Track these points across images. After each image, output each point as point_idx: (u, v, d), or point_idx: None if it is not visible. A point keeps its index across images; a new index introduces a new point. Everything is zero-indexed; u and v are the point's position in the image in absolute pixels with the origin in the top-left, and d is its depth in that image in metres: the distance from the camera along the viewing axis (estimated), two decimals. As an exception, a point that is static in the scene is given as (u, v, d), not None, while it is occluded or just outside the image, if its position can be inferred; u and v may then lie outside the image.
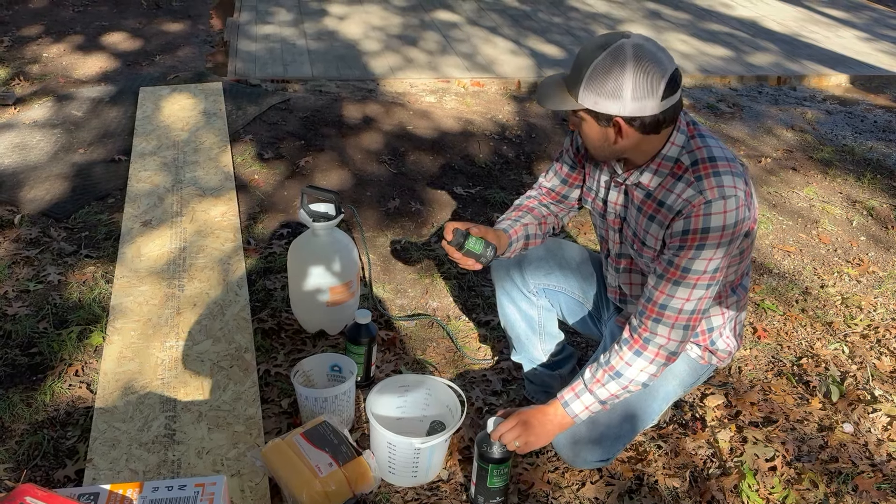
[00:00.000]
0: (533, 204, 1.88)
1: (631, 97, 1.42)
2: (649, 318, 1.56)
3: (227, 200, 2.95)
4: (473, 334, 2.40)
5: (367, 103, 4.04)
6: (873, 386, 2.25)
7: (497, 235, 1.73)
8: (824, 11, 6.77)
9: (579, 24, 5.67)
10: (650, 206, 1.58)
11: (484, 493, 1.71)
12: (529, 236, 1.81)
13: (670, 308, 1.54)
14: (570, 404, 1.62)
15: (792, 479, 1.91)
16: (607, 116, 1.46)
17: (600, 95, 1.43)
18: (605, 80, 1.42)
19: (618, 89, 1.42)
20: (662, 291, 1.54)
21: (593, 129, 1.51)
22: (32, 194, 2.99)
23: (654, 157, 1.55)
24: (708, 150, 1.53)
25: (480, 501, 1.72)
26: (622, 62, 1.41)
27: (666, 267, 1.54)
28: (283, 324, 2.35)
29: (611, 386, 1.60)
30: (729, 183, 1.48)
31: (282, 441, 1.72)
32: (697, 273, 1.51)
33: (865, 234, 3.18)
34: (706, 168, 1.51)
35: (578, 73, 1.45)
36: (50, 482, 1.77)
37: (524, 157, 3.62)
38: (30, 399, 2.01)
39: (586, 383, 1.62)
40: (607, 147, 1.53)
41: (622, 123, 1.46)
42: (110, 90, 4.01)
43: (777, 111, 4.46)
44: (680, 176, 1.53)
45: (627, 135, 1.48)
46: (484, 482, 1.69)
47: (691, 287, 1.52)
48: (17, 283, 2.45)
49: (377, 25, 5.34)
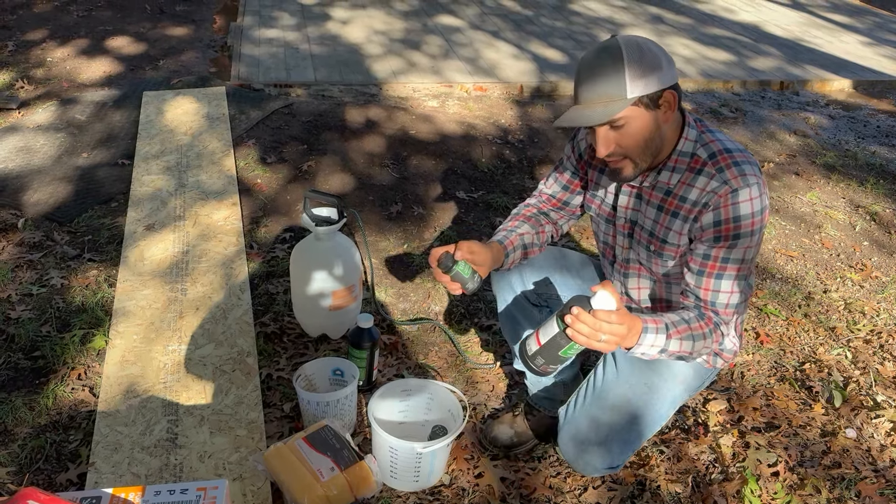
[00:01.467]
0: (531, 212, 1.87)
1: (667, 64, 1.46)
2: (711, 312, 1.56)
3: (229, 204, 2.95)
4: (475, 339, 2.40)
5: (369, 107, 4.05)
6: (876, 391, 2.25)
7: (490, 249, 1.70)
8: (827, 16, 6.77)
9: (581, 29, 5.68)
10: (672, 203, 1.59)
11: (549, 358, 1.44)
12: (527, 246, 1.80)
13: (719, 304, 1.55)
14: (647, 332, 1.48)
15: (794, 485, 1.90)
16: (658, 94, 1.45)
17: (645, 76, 1.43)
18: (642, 60, 1.43)
19: (657, 61, 1.44)
20: (707, 288, 1.55)
21: (642, 121, 1.48)
22: (36, 198, 2.99)
23: (669, 155, 1.56)
24: (721, 143, 1.55)
25: (538, 363, 1.46)
26: (639, 42, 1.44)
27: (703, 262, 1.55)
28: (285, 328, 2.35)
29: (685, 345, 1.51)
30: (750, 171, 1.50)
31: (284, 445, 1.73)
32: (737, 262, 1.52)
33: (868, 239, 3.18)
34: (725, 159, 1.52)
35: (611, 75, 1.43)
36: (52, 486, 1.78)
37: (526, 162, 3.62)
38: (32, 402, 2.01)
39: (668, 328, 1.50)
40: (656, 137, 1.51)
41: (672, 94, 1.47)
42: (114, 94, 4.02)
43: (780, 116, 4.46)
44: (699, 170, 1.54)
45: (674, 107, 1.49)
46: (557, 349, 1.42)
47: (733, 279, 1.53)
48: (21, 286, 2.46)
49: (380, 30, 5.35)
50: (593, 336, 1.36)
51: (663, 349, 1.50)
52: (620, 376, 1.72)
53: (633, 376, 1.71)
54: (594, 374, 1.79)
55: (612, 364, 1.75)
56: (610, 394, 1.72)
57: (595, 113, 1.45)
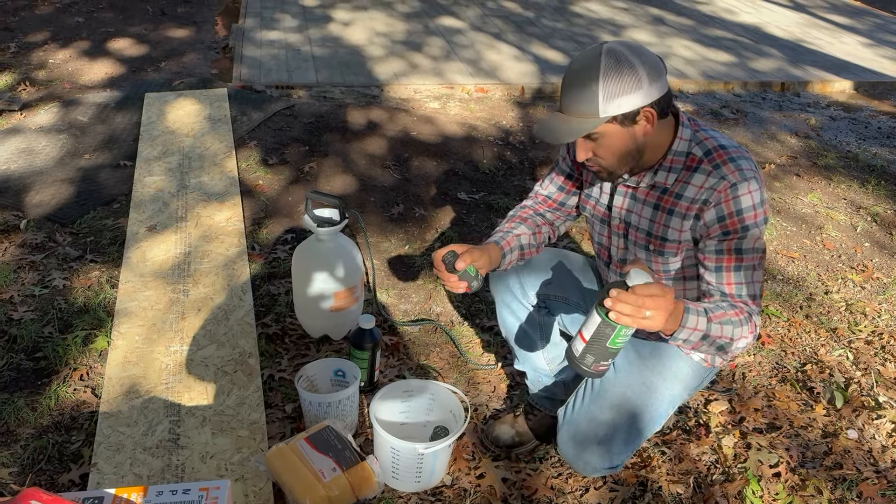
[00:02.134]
0: (527, 214, 1.87)
1: (648, 82, 1.44)
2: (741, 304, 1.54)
3: (231, 206, 2.96)
4: (477, 339, 2.41)
5: (371, 109, 4.05)
6: (877, 392, 2.25)
7: (488, 250, 1.70)
8: (827, 17, 6.78)
9: (582, 31, 5.68)
10: (668, 201, 1.59)
11: (598, 353, 1.37)
12: (524, 247, 1.80)
13: (747, 295, 1.53)
14: (689, 313, 1.43)
15: (796, 486, 1.90)
16: (634, 113, 1.45)
17: (621, 95, 1.43)
18: (619, 78, 1.42)
19: (636, 80, 1.43)
20: (730, 282, 1.54)
21: (617, 138, 1.49)
22: (38, 199, 3.00)
23: (664, 154, 1.57)
24: (716, 140, 1.56)
25: (589, 363, 1.38)
26: (624, 56, 1.42)
27: (718, 257, 1.54)
28: (286, 329, 2.35)
29: (726, 329, 1.46)
30: (746, 166, 1.51)
31: (285, 446, 1.73)
32: (750, 252, 1.52)
33: (870, 240, 3.18)
34: (721, 155, 1.53)
35: (586, 91, 1.44)
36: (55, 486, 1.78)
37: (528, 163, 3.62)
38: (35, 403, 2.02)
39: (707, 312, 1.45)
40: (633, 150, 1.52)
41: (650, 112, 1.47)
42: (116, 96, 4.02)
43: (781, 117, 4.46)
44: (696, 167, 1.55)
45: (653, 122, 1.49)
46: (604, 340, 1.35)
47: (752, 269, 1.53)
48: (23, 287, 2.46)
49: (381, 32, 5.36)
50: (637, 313, 1.27)
51: (706, 334, 1.42)
52: (619, 375, 1.72)
53: (632, 376, 1.71)
54: (593, 373, 1.79)
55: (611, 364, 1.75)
56: (609, 393, 1.72)
57: (570, 127, 1.47)
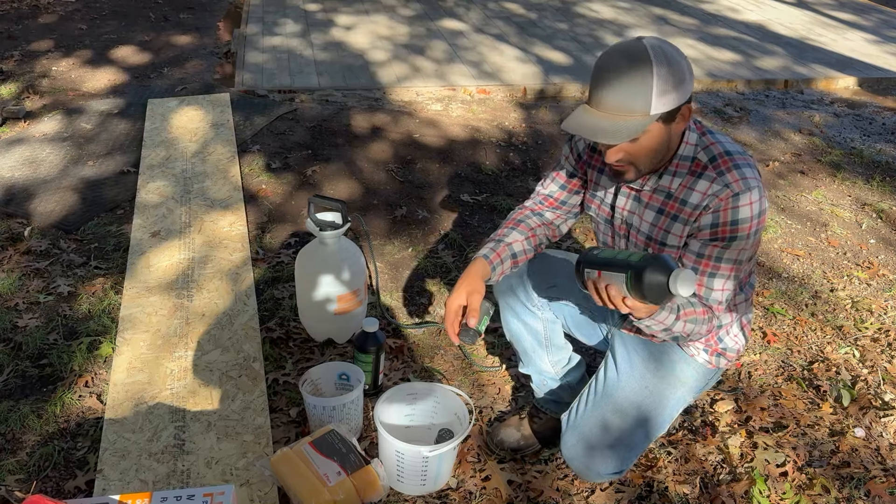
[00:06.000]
0: (522, 215, 1.84)
1: (689, 76, 1.44)
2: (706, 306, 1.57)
3: (235, 211, 2.96)
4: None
5: (373, 112, 4.06)
6: (885, 390, 2.24)
7: (478, 277, 1.69)
8: (832, 14, 6.75)
9: (585, 31, 5.68)
10: (672, 207, 1.59)
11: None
12: (516, 254, 1.78)
13: (713, 300, 1.56)
14: (663, 309, 1.47)
15: (803, 485, 1.89)
16: (676, 110, 1.45)
17: (670, 92, 1.41)
18: (668, 73, 1.40)
19: (682, 75, 1.42)
20: (701, 284, 1.55)
21: (657, 137, 1.47)
22: (42, 207, 3.01)
23: (671, 159, 1.56)
24: (722, 146, 1.55)
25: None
26: (666, 51, 1.42)
27: (697, 259, 1.55)
28: (291, 333, 2.35)
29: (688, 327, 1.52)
30: (750, 174, 1.51)
31: (290, 450, 1.73)
32: (730, 262, 1.53)
33: (875, 237, 3.16)
34: (726, 162, 1.52)
35: (638, 86, 1.40)
36: (60, 493, 1.78)
37: (531, 164, 3.62)
38: (40, 410, 2.02)
39: (679, 309, 1.49)
40: (664, 150, 1.52)
41: (689, 108, 1.46)
42: (119, 103, 4.04)
43: (785, 115, 4.45)
44: (700, 173, 1.54)
45: (688, 119, 1.49)
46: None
47: (725, 278, 1.54)
48: (28, 295, 2.47)
49: (384, 35, 5.36)
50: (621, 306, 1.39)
51: (668, 328, 1.50)
52: (623, 380, 1.72)
53: (636, 380, 1.71)
54: (596, 378, 1.79)
55: (614, 367, 1.75)
56: (613, 398, 1.71)
57: (616, 127, 1.42)
